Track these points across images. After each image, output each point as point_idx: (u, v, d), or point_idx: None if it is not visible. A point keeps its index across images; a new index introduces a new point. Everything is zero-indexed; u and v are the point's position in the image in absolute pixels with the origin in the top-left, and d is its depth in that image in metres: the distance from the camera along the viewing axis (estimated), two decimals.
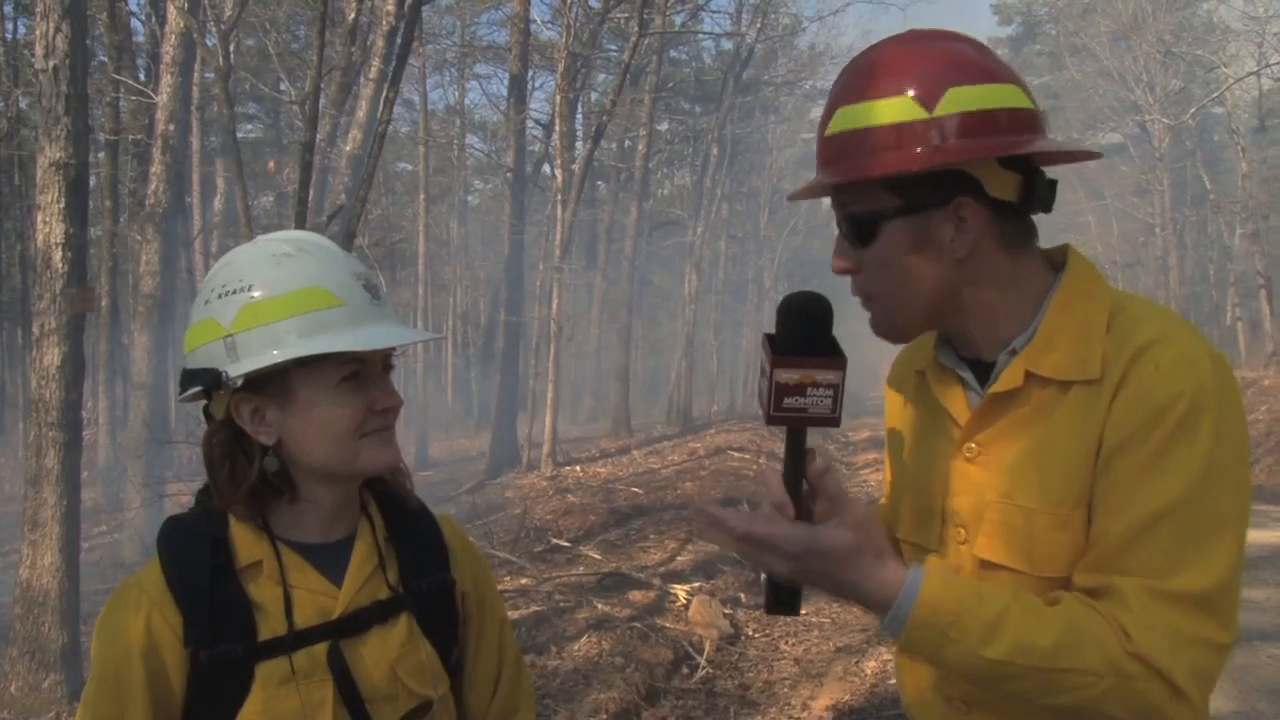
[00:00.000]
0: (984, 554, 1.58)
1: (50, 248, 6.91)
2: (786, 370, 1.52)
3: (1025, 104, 1.54)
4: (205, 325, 1.56)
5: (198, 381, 1.55)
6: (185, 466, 16.09)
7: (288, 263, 1.57)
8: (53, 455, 6.92)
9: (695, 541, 10.41)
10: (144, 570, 1.56)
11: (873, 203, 1.56)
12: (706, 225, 27.22)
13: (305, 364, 1.53)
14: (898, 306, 1.62)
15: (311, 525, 1.61)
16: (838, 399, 1.53)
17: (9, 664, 6.97)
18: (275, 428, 1.56)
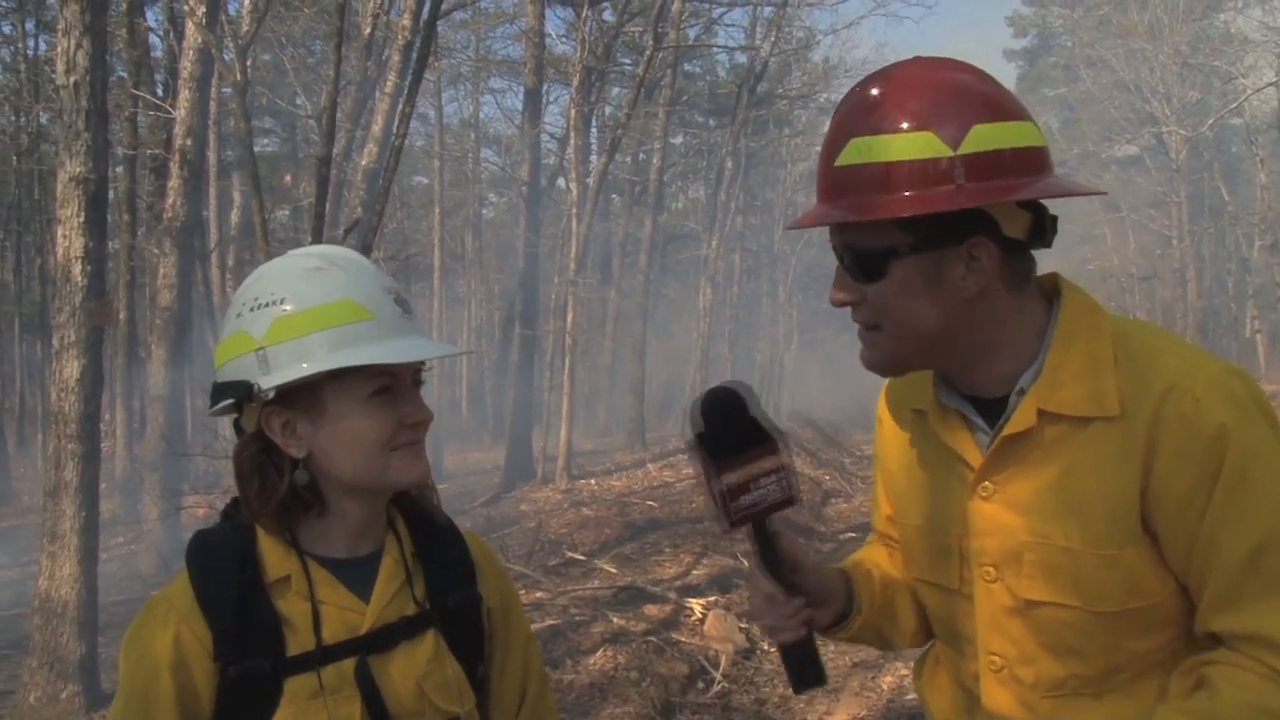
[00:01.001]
0: (1029, 594, 1.57)
1: (70, 261, 6.97)
2: (728, 474, 1.54)
3: (1041, 141, 1.53)
4: (237, 338, 1.57)
5: (229, 394, 1.56)
6: (202, 479, 16.13)
7: (319, 276, 1.58)
8: (71, 467, 6.97)
9: (710, 555, 10.39)
10: (172, 585, 1.57)
11: (883, 239, 1.51)
12: (721, 238, 27.22)
13: (336, 377, 1.54)
14: (900, 342, 1.59)
15: (339, 540, 1.62)
16: (788, 480, 1.55)
17: (28, 675, 7.01)
18: (306, 441, 1.56)
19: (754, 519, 1.58)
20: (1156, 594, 1.54)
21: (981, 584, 1.63)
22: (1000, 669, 1.64)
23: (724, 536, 11.46)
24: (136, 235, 17.41)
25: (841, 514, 15.53)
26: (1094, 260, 38.04)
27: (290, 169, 26.68)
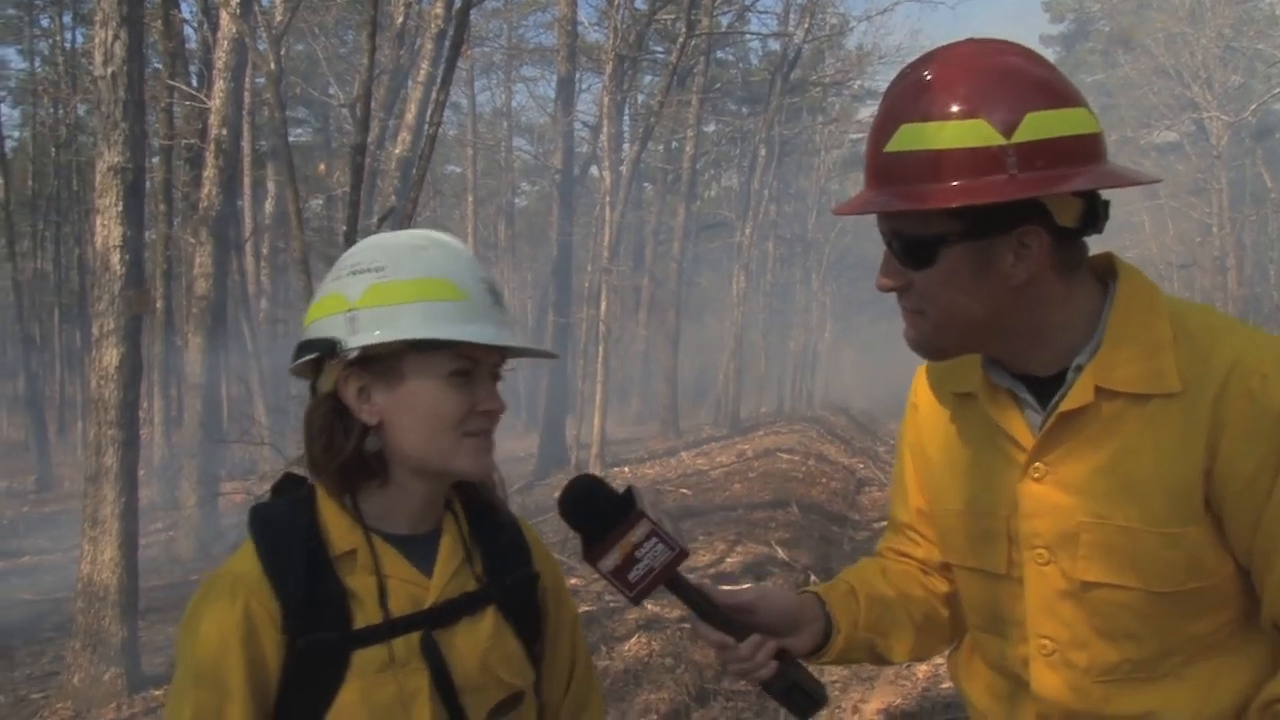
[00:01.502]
0: (1085, 576, 1.56)
1: (109, 250, 7.06)
2: (605, 557, 1.57)
3: (1095, 128, 1.49)
4: (330, 299, 1.60)
5: (313, 349, 1.58)
6: (238, 466, 16.31)
7: (420, 253, 1.61)
8: (111, 454, 7.06)
9: (744, 543, 10.40)
10: (236, 560, 1.57)
11: (932, 226, 1.49)
12: (754, 226, 27.12)
13: (420, 350, 1.55)
14: (949, 328, 1.57)
15: (401, 517, 1.62)
16: (665, 537, 1.56)
17: (72, 656, 7.13)
18: (378, 409, 1.57)
19: (656, 584, 1.59)
20: (1216, 574, 1.52)
21: (1033, 567, 1.61)
22: (1051, 653, 1.62)
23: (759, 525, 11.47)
24: (173, 225, 17.57)
25: (875, 502, 15.49)
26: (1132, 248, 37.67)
27: (324, 158, 26.83)
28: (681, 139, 28.67)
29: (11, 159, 27.50)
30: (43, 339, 29.03)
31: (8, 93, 30.69)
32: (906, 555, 1.92)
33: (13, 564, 13.25)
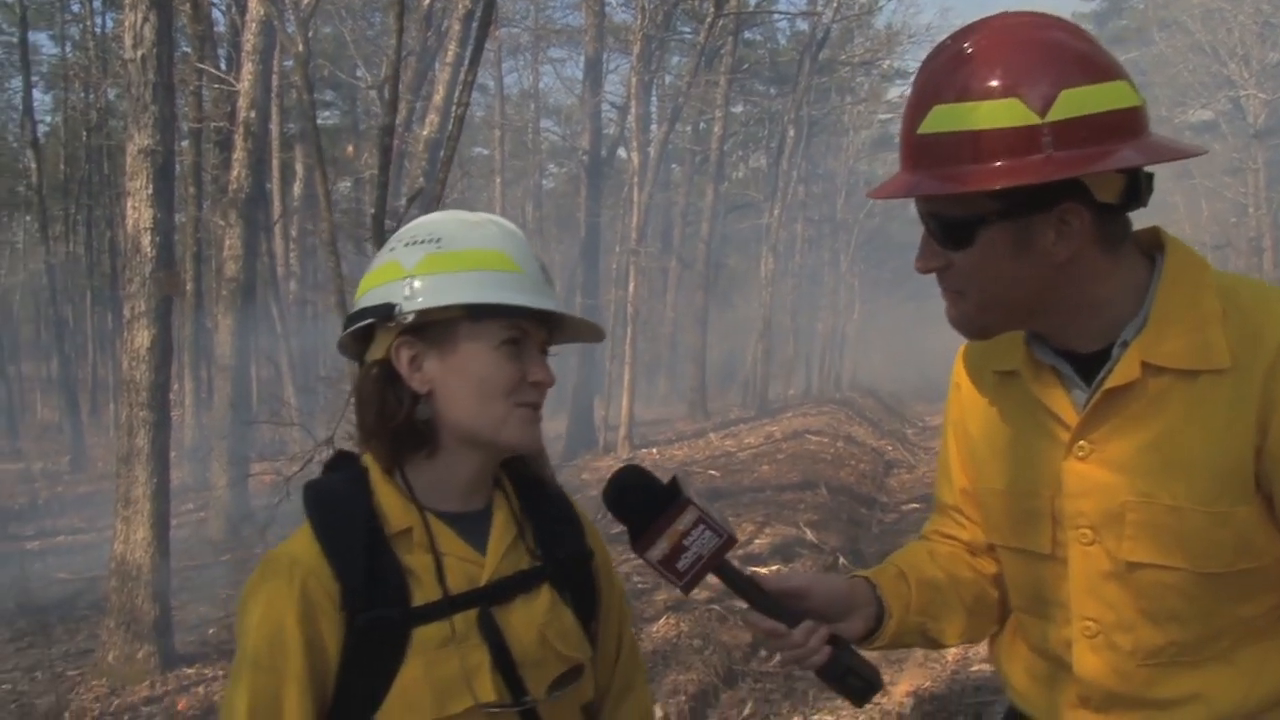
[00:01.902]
0: (1131, 556, 1.54)
1: (139, 232, 7.10)
2: (653, 547, 1.56)
3: (1135, 101, 1.46)
4: (386, 268, 1.62)
5: (369, 314, 1.59)
6: (268, 447, 16.43)
7: (476, 228, 1.64)
8: (143, 435, 7.12)
9: (773, 524, 10.40)
10: (292, 540, 1.58)
11: (969, 207, 1.48)
12: (783, 208, 27.03)
13: (474, 318, 1.58)
14: (990, 307, 1.55)
15: (452, 494, 1.63)
16: (713, 524, 1.56)
17: (106, 634, 7.22)
18: (430, 378, 1.59)
19: (705, 572, 1.58)
20: (1266, 555, 1.50)
21: (1077, 547, 1.59)
22: (1095, 635, 1.60)
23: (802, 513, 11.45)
24: (202, 208, 17.68)
25: (904, 484, 15.45)
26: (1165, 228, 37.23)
27: (352, 141, 26.90)
28: (709, 120, 28.59)
29: (44, 144, 27.70)
30: (75, 322, 29.28)
31: (40, 78, 30.88)
32: (953, 537, 1.90)
33: (48, 543, 13.40)
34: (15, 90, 30.72)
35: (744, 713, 5.93)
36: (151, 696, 6.87)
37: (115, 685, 7.01)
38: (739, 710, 5.98)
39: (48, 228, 26.92)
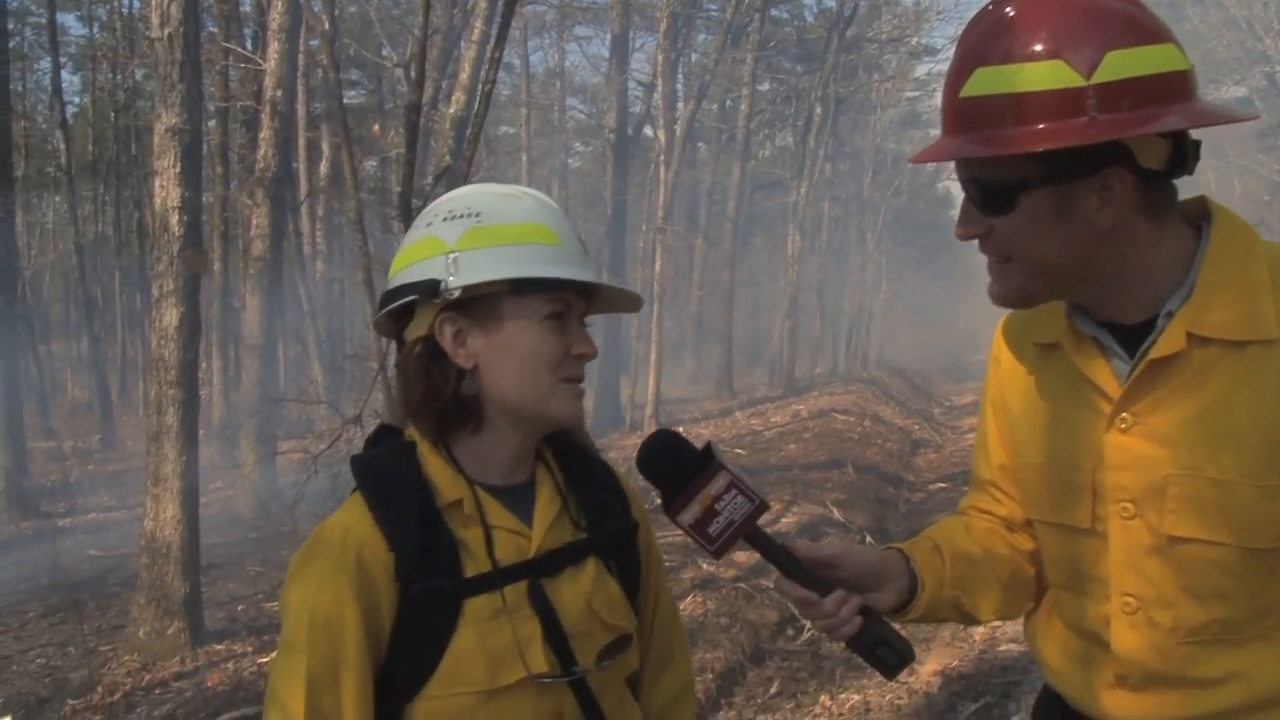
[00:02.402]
0: (1174, 530, 1.51)
1: (167, 211, 7.13)
2: (685, 510, 1.55)
3: (1182, 65, 1.43)
4: (426, 243, 1.61)
5: (414, 290, 1.58)
6: (295, 425, 16.53)
7: (514, 201, 1.63)
8: (172, 413, 7.17)
9: (799, 503, 10.40)
10: (343, 512, 1.58)
11: (1011, 171, 1.45)
12: (809, 186, 26.91)
13: (518, 293, 1.57)
14: (1030, 275, 1.53)
15: (495, 467, 1.63)
16: (745, 489, 1.55)
17: (137, 611, 7.30)
18: (474, 353, 1.59)
19: (737, 538, 1.57)
20: None
21: (1118, 521, 1.57)
22: (1134, 611, 1.58)
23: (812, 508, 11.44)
24: (229, 187, 17.75)
25: (931, 463, 15.43)
26: None
27: (378, 120, 26.92)
28: (736, 97, 28.46)
29: (72, 124, 27.89)
30: (104, 301, 29.43)
31: (68, 59, 31.01)
32: (990, 513, 1.87)
33: (79, 521, 13.54)
34: (44, 71, 31.04)
35: (770, 691, 5.94)
36: (182, 672, 6.94)
37: (146, 660, 7.09)
38: (765, 688, 5.99)
39: (77, 208, 27.12)
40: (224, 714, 6.04)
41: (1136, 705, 1.62)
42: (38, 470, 16.08)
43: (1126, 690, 1.62)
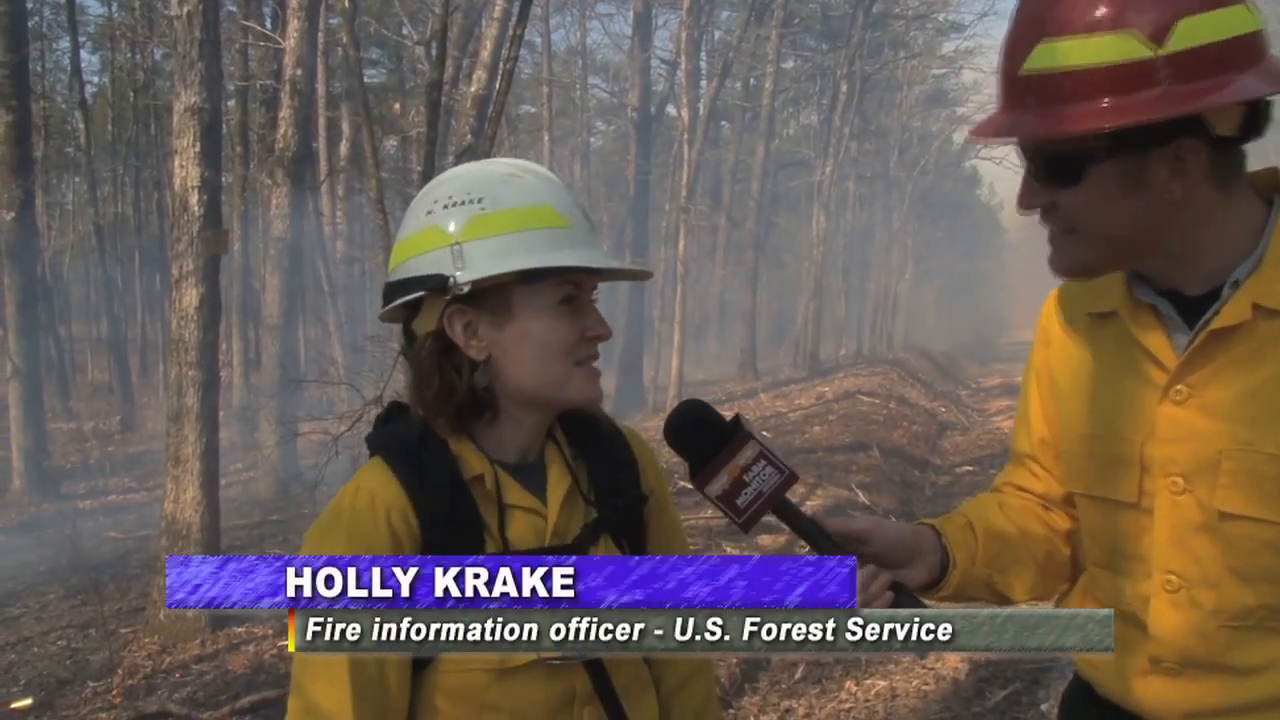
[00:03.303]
0: (1225, 506, 1.47)
1: (187, 191, 7.13)
2: (713, 481, 1.54)
3: (1255, 25, 1.38)
4: (428, 233, 1.58)
5: (422, 286, 1.56)
6: (316, 406, 16.57)
7: (516, 182, 1.60)
8: (192, 394, 7.17)
9: (825, 486, 10.37)
10: (365, 478, 1.57)
11: (1078, 143, 1.41)
12: (835, 165, 26.82)
13: (528, 280, 1.54)
14: (1095, 248, 1.49)
15: (512, 446, 1.63)
16: (774, 459, 1.54)
17: (157, 593, 7.32)
18: (487, 344, 1.57)
19: (765, 510, 1.56)
20: None
21: (1166, 496, 1.53)
22: (1177, 590, 1.54)
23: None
24: (249, 167, 17.79)
25: (957, 446, 15.38)
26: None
27: (398, 99, 26.93)
28: (760, 75, 28.35)
29: (92, 104, 27.93)
30: (124, 282, 29.56)
31: (87, 38, 31.05)
32: (1026, 490, 1.83)
33: (99, 503, 13.64)
34: (63, 51, 30.99)
35: (795, 676, 5.91)
36: (202, 655, 6.97)
37: (166, 643, 7.13)
38: (790, 674, 5.96)
39: (96, 189, 27.24)
40: (244, 696, 6.06)
41: (1170, 692, 1.57)
42: (58, 452, 16.21)
43: (1161, 676, 1.58)
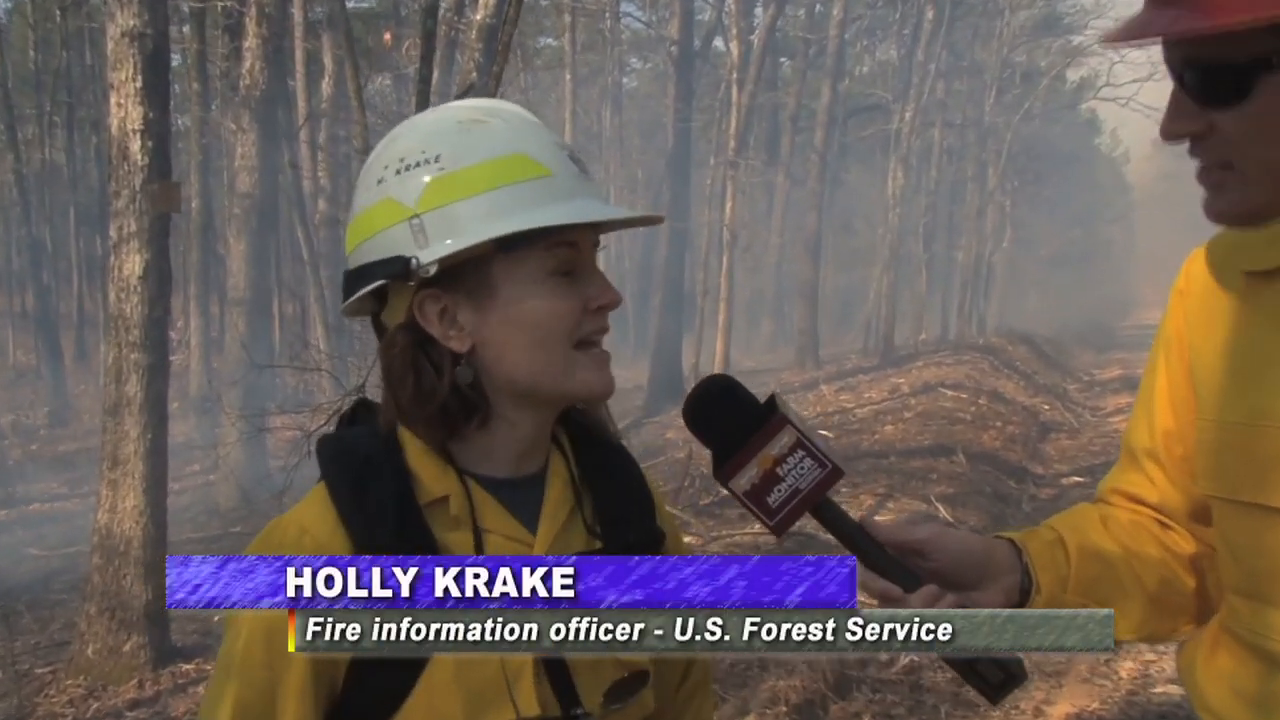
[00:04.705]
0: None
1: (126, 135, 7.09)
2: (740, 474, 1.50)
3: None
4: (382, 207, 1.54)
5: (380, 274, 1.53)
6: (291, 396, 16.63)
7: (479, 130, 1.54)
8: (135, 381, 7.16)
9: (897, 496, 10.35)
10: (302, 506, 1.55)
11: (1244, 49, 1.34)
12: (916, 110, 26.70)
13: (510, 249, 1.50)
14: (1263, 184, 1.41)
15: (502, 456, 1.59)
16: (815, 450, 1.50)
17: (85, 623, 7.30)
18: (469, 331, 1.53)
19: (802, 511, 1.51)
20: None
21: None
22: None
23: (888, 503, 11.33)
24: (209, 108, 17.84)
25: (1064, 452, 15.31)
26: None
27: (390, 27, 26.95)
28: (827, 2, 28.21)
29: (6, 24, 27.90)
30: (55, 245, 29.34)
31: None
32: (1139, 500, 1.75)
33: (18, 513, 13.71)
34: None
35: None
36: (139, 699, 6.95)
37: (95, 685, 7.11)
38: None
39: (17, 130, 27.09)
40: None
41: None
42: None
43: None
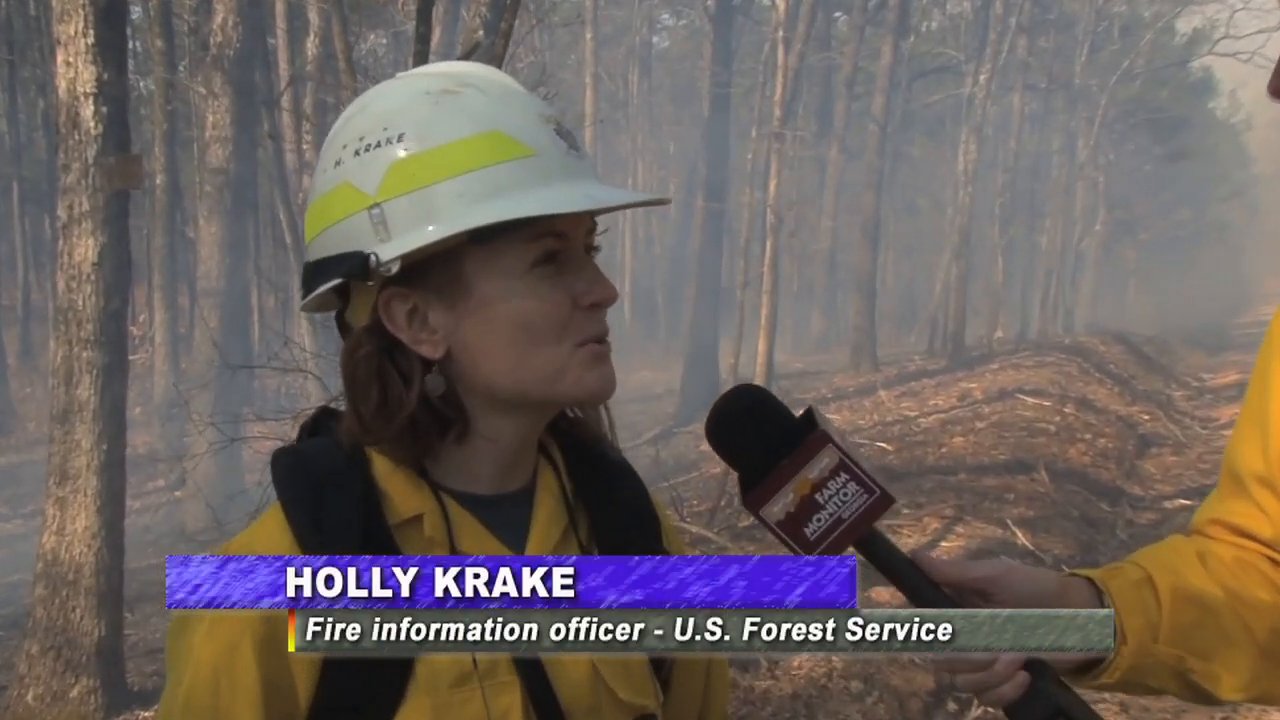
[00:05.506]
0: None
1: (76, 100, 7.10)
2: (773, 500, 1.47)
3: None
4: (339, 194, 1.52)
5: (333, 273, 1.52)
6: (270, 401, 16.68)
7: (449, 102, 1.52)
8: (88, 383, 7.17)
9: (967, 519, 10.32)
10: (255, 529, 1.54)
11: None
12: (993, 72, 26.63)
13: (484, 241, 1.48)
14: None
15: (483, 471, 1.59)
16: (860, 473, 1.47)
17: (26, 664, 7.31)
18: (442, 334, 1.52)
19: (845, 543, 1.48)
20: None
21: None
22: None
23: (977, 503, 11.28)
24: (176, 69, 17.89)
25: (1167, 470, 15.26)
26: None
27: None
28: None
29: None
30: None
31: None
32: (1245, 533, 1.72)
33: None
34: None
35: None
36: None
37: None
38: None
39: None
40: None
41: None
42: None
43: None
